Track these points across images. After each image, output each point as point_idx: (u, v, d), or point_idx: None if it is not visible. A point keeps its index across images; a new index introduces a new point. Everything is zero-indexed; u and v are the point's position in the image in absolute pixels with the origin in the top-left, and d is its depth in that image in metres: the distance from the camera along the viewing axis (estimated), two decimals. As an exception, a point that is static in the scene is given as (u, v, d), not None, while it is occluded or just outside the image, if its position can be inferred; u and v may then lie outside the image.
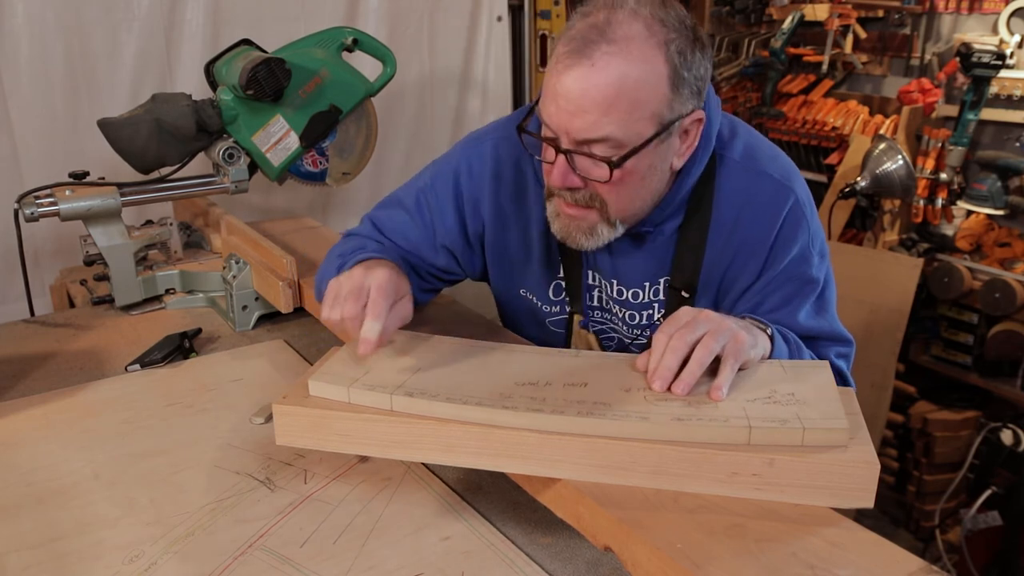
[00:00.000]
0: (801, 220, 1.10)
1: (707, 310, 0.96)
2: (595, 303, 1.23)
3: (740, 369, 0.92)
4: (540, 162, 1.09)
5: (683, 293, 1.14)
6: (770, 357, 1.00)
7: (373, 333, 0.96)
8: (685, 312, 0.95)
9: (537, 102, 1.04)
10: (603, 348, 1.25)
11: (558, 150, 0.99)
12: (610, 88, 0.93)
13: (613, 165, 0.97)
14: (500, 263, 1.25)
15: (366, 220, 1.30)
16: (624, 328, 1.22)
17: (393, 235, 1.25)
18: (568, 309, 1.23)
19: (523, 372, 0.98)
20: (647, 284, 1.17)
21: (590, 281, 1.21)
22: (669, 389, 0.90)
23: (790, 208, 1.09)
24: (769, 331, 1.01)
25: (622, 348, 1.25)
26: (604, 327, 1.25)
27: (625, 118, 0.95)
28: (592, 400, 0.89)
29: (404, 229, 1.24)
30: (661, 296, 1.17)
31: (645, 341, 1.21)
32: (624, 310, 1.20)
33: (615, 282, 1.19)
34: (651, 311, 1.18)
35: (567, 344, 1.27)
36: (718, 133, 1.09)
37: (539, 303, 1.25)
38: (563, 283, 1.22)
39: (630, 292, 1.18)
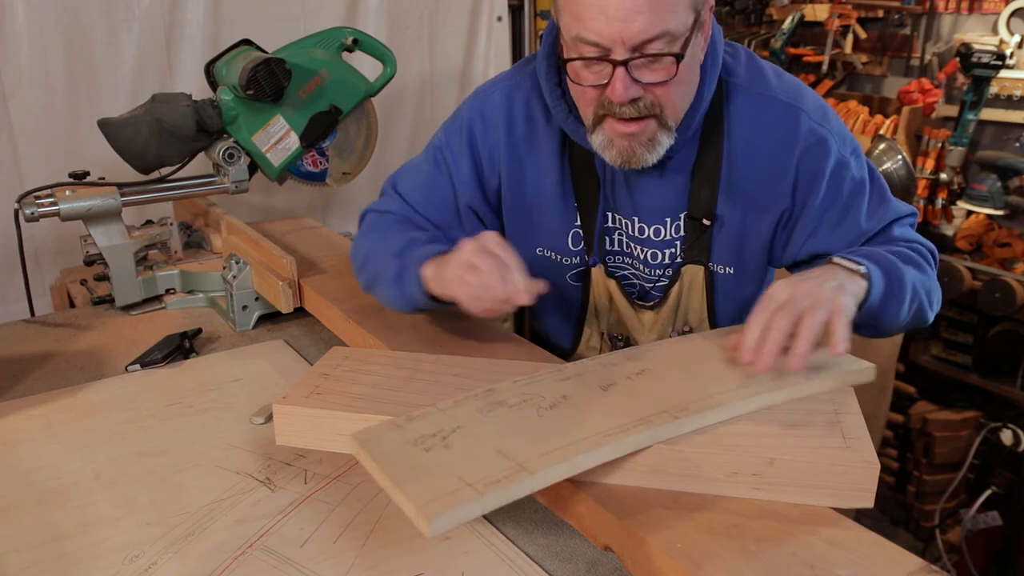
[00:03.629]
0: (823, 141, 1.10)
1: (803, 284, 0.92)
2: (615, 247, 1.23)
3: None
4: (560, 106, 1.12)
5: (704, 221, 1.15)
6: (868, 296, 0.98)
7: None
8: (779, 290, 0.92)
9: (554, 38, 1.06)
10: (624, 294, 1.25)
11: (615, 63, 0.98)
12: None
13: (679, 57, 0.98)
14: (517, 217, 1.24)
15: (390, 190, 1.31)
16: (645, 270, 1.22)
17: (420, 205, 1.26)
18: (586, 258, 1.23)
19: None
20: (668, 220, 1.17)
21: (608, 224, 1.21)
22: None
23: (807, 131, 1.09)
24: (863, 269, 0.98)
25: (643, 293, 1.25)
26: (624, 272, 1.25)
27: (673, 8, 0.97)
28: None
29: (428, 193, 1.26)
30: (682, 232, 1.18)
31: (666, 283, 1.21)
32: (646, 249, 1.20)
33: (636, 219, 1.19)
34: (673, 249, 1.19)
35: (585, 295, 1.26)
36: (723, 62, 1.11)
37: (558, 256, 1.24)
38: (581, 231, 1.21)
39: (652, 229, 1.18)
